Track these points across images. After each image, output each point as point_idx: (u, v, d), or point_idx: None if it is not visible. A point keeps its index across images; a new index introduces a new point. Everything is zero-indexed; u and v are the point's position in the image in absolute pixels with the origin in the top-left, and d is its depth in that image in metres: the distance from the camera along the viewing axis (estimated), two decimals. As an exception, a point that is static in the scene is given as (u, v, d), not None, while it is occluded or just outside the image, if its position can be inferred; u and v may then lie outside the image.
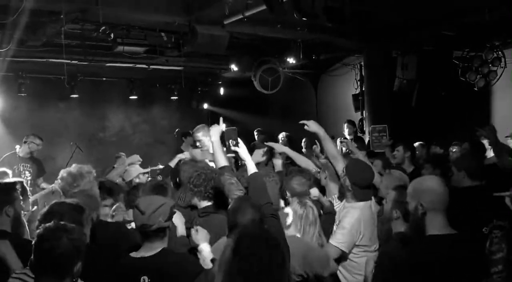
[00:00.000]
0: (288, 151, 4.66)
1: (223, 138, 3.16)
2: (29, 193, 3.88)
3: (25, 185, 3.71)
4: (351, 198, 3.36)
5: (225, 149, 3.21)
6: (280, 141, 8.32)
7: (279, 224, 2.87)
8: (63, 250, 2.05)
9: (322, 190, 4.16)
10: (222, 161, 3.12)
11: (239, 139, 3.08)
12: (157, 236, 2.54)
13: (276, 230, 2.65)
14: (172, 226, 2.86)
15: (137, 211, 2.54)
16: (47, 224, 2.13)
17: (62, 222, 2.17)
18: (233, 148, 3.08)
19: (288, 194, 3.68)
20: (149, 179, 5.79)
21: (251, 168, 3.02)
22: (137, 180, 5.21)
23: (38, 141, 6.85)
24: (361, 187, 3.32)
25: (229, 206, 2.60)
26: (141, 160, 5.29)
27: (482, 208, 3.38)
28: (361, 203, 3.33)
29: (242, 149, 3.08)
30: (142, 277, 2.43)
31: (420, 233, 2.47)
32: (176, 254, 2.63)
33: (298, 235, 3.05)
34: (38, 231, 2.15)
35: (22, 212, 3.27)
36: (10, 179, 4.39)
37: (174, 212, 2.68)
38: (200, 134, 4.97)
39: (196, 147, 5.06)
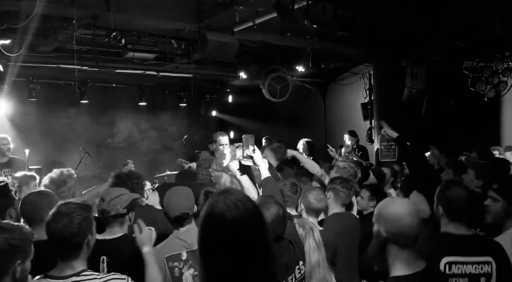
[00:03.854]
0: (297, 154, 4.69)
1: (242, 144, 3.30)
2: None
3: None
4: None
5: (242, 155, 3.33)
6: (301, 147, 8.36)
7: (293, 224, 2.96)
8: None
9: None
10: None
11: (255, 146, 3.24)
12: (115, 221, 2.82)
13: (290, 230, 2.75)
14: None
15: (100, 200, 2.86)
16: None
17: (3, 221, 2.17)
18: (249, 154, 3.22)
19: (302, 207, 3.61)
20: (156, 185, 5.80)
21: (265, 173, 3.17)
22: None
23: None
24: None
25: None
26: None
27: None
28: None
29: (257, 155, 3.23)
30: (102, 256, 2.64)
31: (382, 260, 2.16)
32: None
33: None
34: None
35: None
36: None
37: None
38: (226, 138, 5.39)
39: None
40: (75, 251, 2.23)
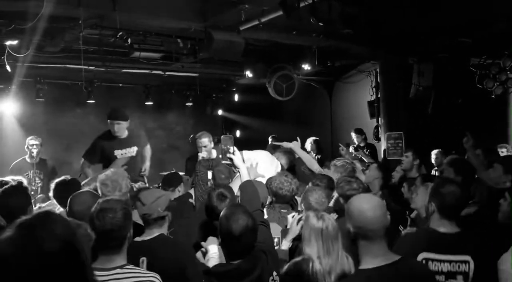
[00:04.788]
0: (295, 148, 4.71)
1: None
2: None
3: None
4: None
5: (220, 156, 3.39)
6: (309, 145, 8.39)
7: (268, 231, 2.99)
8: None
9: None
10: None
11: (234, 148, 3.22)
12: (156, 223, 2.87)
13: (265, 237, 2.77)
14: None
15: (139, 203, 2.89)
16: None
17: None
18: (228, 155, 3.20)
19: (303, 207, 3.60)
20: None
21: (244, 176, 3.16)
22: None
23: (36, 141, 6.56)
24: None
25: (221, 214, 2.58)
26: None
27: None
28: None
29: (236, 157, 3.21)
30: (141, 258, 2.69)
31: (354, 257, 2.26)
32: (171, 240, 2.95)
33: (319, 255, 2.78)
34: None
35: None
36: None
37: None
38: (206, 140, 5.60)
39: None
40: (118, 245, 2.32)
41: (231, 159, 3.23)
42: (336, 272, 2.69)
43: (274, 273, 2.63)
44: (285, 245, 3.33)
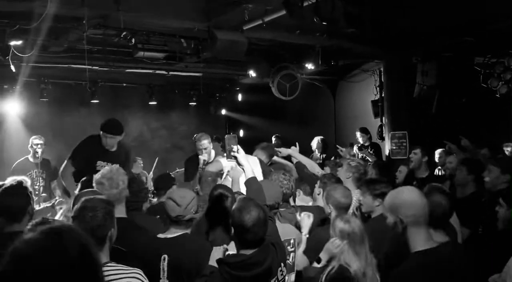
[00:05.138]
0: (293, 153, 4.75)
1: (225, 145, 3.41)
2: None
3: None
4: None
5: (225, 155, 3.44)
6: (315, 145, 8.42)
7: (274, 225, 3.09)
8: None
9: None
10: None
11: (238, 146, 3.31)
12: (187, 224, 2.97)
13: (272, 231, 2.84)
14: None
15: (173, 203, 2.93)
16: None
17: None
18: (232, 154, 3.29)
19: (331, 208, 3.60)
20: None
21: (248, 173, 3.24)
22: None
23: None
24: None
25: (233, 206, 2.68)
26: None
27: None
28: None
29: (240, 155, 3.30)
30: (163, 255, 2.80)
31: (402, 249, 2.36)
32: (194, 239, 3.02)
33: (352, 259, 2.93)
34: None
35: None
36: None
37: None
38: (206, 142, 5.54)
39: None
40: (100, 244, 2.30)
41: (235, 157, 3.30)
42: (369, 275, 2.86)
43: (282, 264, 2.75)
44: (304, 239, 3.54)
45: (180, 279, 2.79)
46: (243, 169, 3.32)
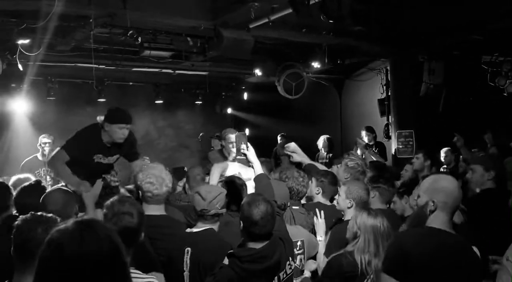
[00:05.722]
0: (296, 155, 4.74)
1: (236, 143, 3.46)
2: None
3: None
4: None
5: (235, 152, 3.54)
6: (321, 143, 8.41)
7: (282, 221, 3.17)
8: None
9: None
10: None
11: (248, 144, 3.35)
12: (212, 219, 3.01)
13: (279, 227, 2.89)
14: None
15: (199, 197, 2.98)
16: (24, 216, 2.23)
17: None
18: (242, 151, 3.34)
19: (351, 203, 3.63)
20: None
21: (258, 170, 3.30)
22: None
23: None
24: None
25: (243, 201, 2.74)
26: None
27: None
28: None
29: (250, 152, 3.33)
30: (186, 248, 2.88)
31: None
32: (215, 235, 3.04)
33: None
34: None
35: None
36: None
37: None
38: (233, 136, 5.13)
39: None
40: (127, 246, 2.30)
41: (245, 155, 3.35)
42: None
43: (290, 258, 2.80)
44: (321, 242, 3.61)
45: (198, 273, 2.85)
46: (252, 167, 3.35)
